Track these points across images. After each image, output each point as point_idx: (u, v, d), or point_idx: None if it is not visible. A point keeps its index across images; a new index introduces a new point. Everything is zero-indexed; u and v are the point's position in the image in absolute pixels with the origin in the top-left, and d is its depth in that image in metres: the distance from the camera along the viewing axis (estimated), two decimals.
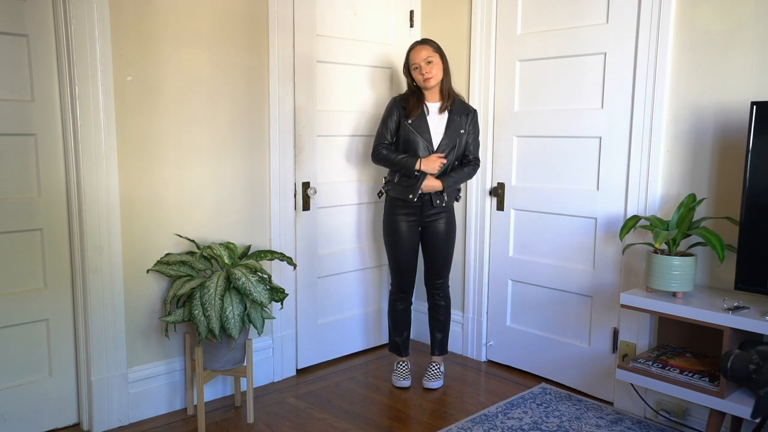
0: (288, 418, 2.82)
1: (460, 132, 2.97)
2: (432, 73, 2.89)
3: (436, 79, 2.91)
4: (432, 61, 2.90)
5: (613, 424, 2.76)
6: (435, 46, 2.95)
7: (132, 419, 2.74)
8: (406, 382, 3.17)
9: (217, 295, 2.51)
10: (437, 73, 2.91)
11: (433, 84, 2.92)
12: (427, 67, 2.89)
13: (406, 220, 3.04)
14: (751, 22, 2.43)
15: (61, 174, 2.57)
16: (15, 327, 2.51)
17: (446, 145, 2.95)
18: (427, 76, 2.89)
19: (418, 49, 2.92)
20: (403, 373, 3.19)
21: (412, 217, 3.04)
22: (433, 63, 2.90)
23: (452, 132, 2.96)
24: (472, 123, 3.03)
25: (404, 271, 3.13)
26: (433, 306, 3.21)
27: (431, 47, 2.93)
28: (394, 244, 3.09)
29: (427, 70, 2.89)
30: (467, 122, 3.01)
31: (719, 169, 2.55)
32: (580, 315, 3.08)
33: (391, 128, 3.01)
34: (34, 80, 2.47)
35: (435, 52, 2.92)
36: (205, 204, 2.89)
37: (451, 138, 2.96)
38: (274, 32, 3.02)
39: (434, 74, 2.90)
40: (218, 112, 2.89)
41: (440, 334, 3.21)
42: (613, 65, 2.84)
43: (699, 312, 2.33)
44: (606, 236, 2.93)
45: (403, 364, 3.23)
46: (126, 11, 2.57)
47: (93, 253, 2.56)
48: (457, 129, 2.97)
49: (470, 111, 3.03)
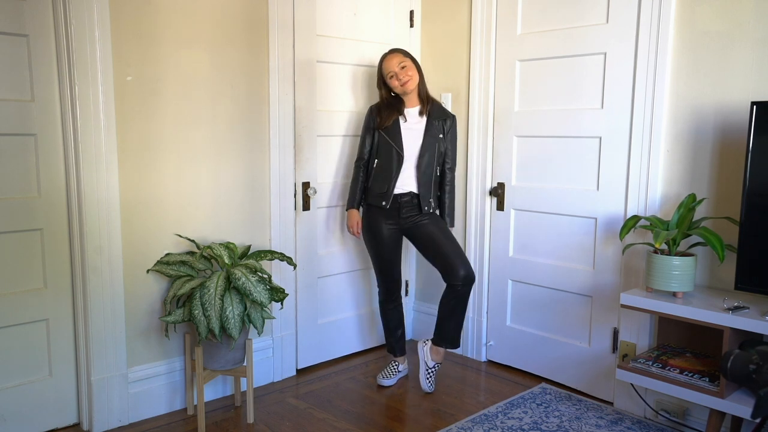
0: (288, 418, 2.82)
1: (438, 137, 3.02)
2: (409, 76, 2.95)
3: (413, 81, 2.97)
4: (405, 66, 2.96)
5: (613, 424, 2.76)
6: (405, 52, 3.03)
7: (132, 419, 2.74)
8: (386, 380, 3.18)
9: (217, 295, 2.51)
10: (414, 75, 2.97)
11: (411, 87, 2.97)
12: (402, 72, 2.95)
13: (385, 223, 3.06)
14: (751, 22, 2.43)
15: (61, 174, 2.57)
16: (15, 327, 2.51)
17: (425, 152, 2.98)
18: (404, 80, 2.95)
19: (390, 58, 2.99)
20: (388, 373, 3.20)
21: (390, 221, 3.05)
22: (407, 67, 2.97)
23: (431, 136, 3.00)
24: (450, 129, 3.06)
25: (387, 272, 3.14)
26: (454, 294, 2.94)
27: (401, 53, 3.01)
28: (375, 246, 3.10)
29: (402, 74, 2.95)
30: (446, 127, 3.04)
31: (719, 169, 2.55)
32: (580, 315, 3.08)
33: (367, 142, 3.08)
34: (34, 80, 2.47)
35: (406, 57, 3.00)
36: (205, 204, 2.89)
37: (429, 142, 2.99)
38: (274, 32, 3.02)
39: (411, 76, 2.96)
40: (218, 112, 2.89)
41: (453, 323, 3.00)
42: (613, 65, 2.84)
43: (699, 312, 2.33)
44: (606, 236, 2.93)
45: (393, 364, 3.23)
46: (126, 12, 2.57)
47: (93, 253, 2.56)
48: (435, 134, 3.01)
49: (449, 116, 3.07)
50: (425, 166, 2.99)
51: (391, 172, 2.99)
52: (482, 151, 3.39)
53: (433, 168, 3.02)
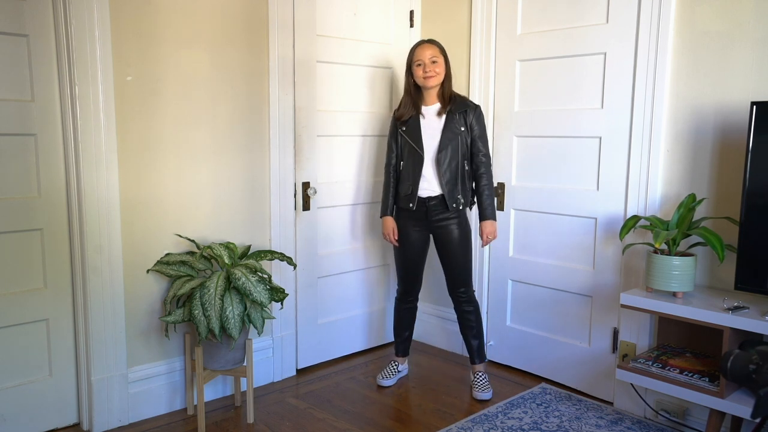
0: (288, 418, 2.82)
1: (460, 130, 2.90)
2: (434, 73, 2.88)
3: (437, 79, 2.90)
4: (437, 62, 2.89)
5: (613, 424, 2.76)
6: (441, 48, 2.95)
7: (132, 419, 2.74)
8: (385, 381, 3.18)
9: (217, 295, 2.51)
10: (440, 73, 2.90)
11: (432, 84, 2.90)
12: (431, 65, 2.88)
13: (413, 226, 3.03)
14: (751, 22, 2.43)
15: (61, 174, 2.57)
16: (15, 327, 2.51)
17: (444, 147, 2.89)
18: (429, 74, 2.88)
19: (425, 47, 2.92)
20: (388, 373, 3.20)
21: (418, 223, 3.01)
22: (438, 63, 2.89)
23: (450, 132, 2.90)
24: (475, 119, 2.93)
25: (409, 276, 3.12)
26: (461, 314, 3.09)
27: (438, 48, 2.93)
28: (401, 248, 3.08)
29: (430, 68, 2.88)
30: (468, 119, 2.92)
31: (719, 169, 2.55)
32: (580, 315, 3.08)
33: (393, 146, 3.06)
34: (34, 80, 2.47)
35: (441, 54, 2.92)
36: (205, 204, 2.89)
37: (448, 137, 2.89)
38: (274, 32, 3.02)
39: (437, 73, 2.89)
40: (218, 112, 2.89)
41: (476, 341, 3.09)
42: (613, 65, 2.84)
43: (699, 312, 2.33)
44: (606, 236, 2.93)
45: (393, 364, 3.23)
46: (126, 11, 2.57)
47: (93, 253, 2.56)
48: (456, 128, 2.90)
49: (469, 107, 2.94)
50: (447, 163, 2.89)
51: (413, 173, 2.95)
52: None
53: (458, 163, 2.90)
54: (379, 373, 3.24)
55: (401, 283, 3.16)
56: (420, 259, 3.10)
